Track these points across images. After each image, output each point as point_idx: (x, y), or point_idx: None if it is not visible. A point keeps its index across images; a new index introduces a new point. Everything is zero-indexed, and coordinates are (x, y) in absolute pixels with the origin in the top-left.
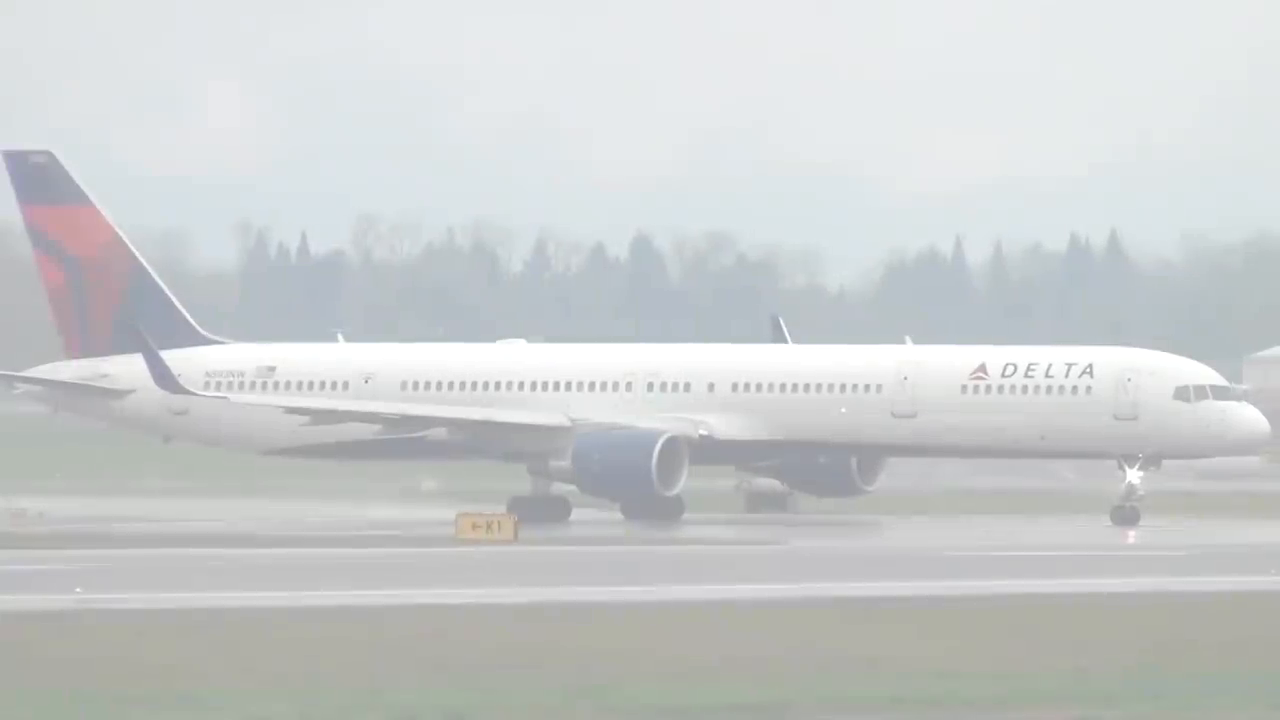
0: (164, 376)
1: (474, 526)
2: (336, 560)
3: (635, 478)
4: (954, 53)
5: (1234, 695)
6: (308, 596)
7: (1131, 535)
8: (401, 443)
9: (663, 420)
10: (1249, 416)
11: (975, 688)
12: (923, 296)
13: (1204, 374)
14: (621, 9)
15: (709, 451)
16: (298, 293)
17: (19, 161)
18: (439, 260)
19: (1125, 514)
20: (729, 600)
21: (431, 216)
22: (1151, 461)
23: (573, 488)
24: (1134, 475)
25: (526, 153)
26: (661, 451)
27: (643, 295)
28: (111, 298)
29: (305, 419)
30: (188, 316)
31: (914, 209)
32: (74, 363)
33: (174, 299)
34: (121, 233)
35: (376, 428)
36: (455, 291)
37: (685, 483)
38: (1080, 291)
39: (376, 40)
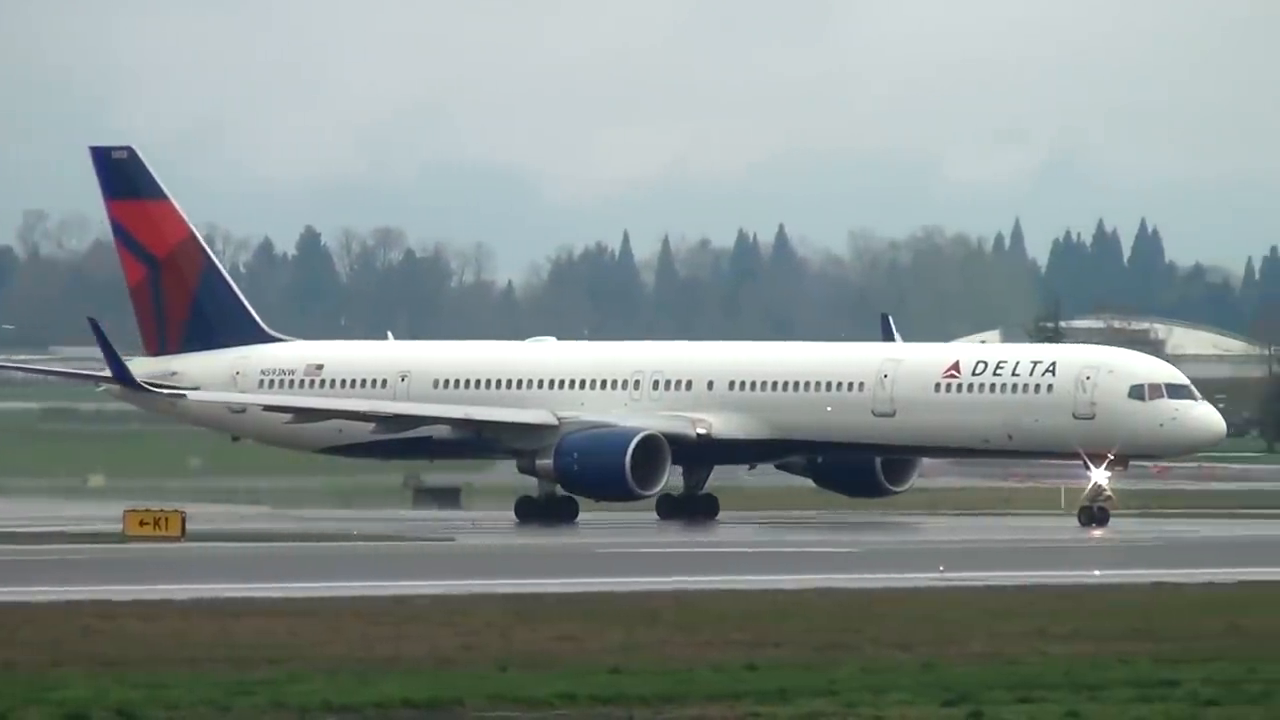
0: (122, 374)
1: (141, 523)
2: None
3: (610, 477)
4: (619, 51)
5: (905, 690)
6: None
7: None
8: (432, 441)
9: (663, 419)
10: (1202, 416)
11: (646, 684)
12: (591, 292)
13: (1162, 372)
14: (287, 9)
15: (708, 450)
16: None
17: (103, 157)
18: (108, 256)
19: (1092, 514)
20: (402, 596)
21: (100, 213)
22: (1118, 461)
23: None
24: (1100, 475)
25: (195, 150)
26: (636, 451)
27: (311, 292)
28: (184, 295)
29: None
30: (255, 315)
31: (582, 206)
32: (146, 360)
33: (243, 298)
34: (195, 230)
35: (440, 429)
36: (123, 287)
37: (667, 482)
38: (749, 287)
39: (44, 41)
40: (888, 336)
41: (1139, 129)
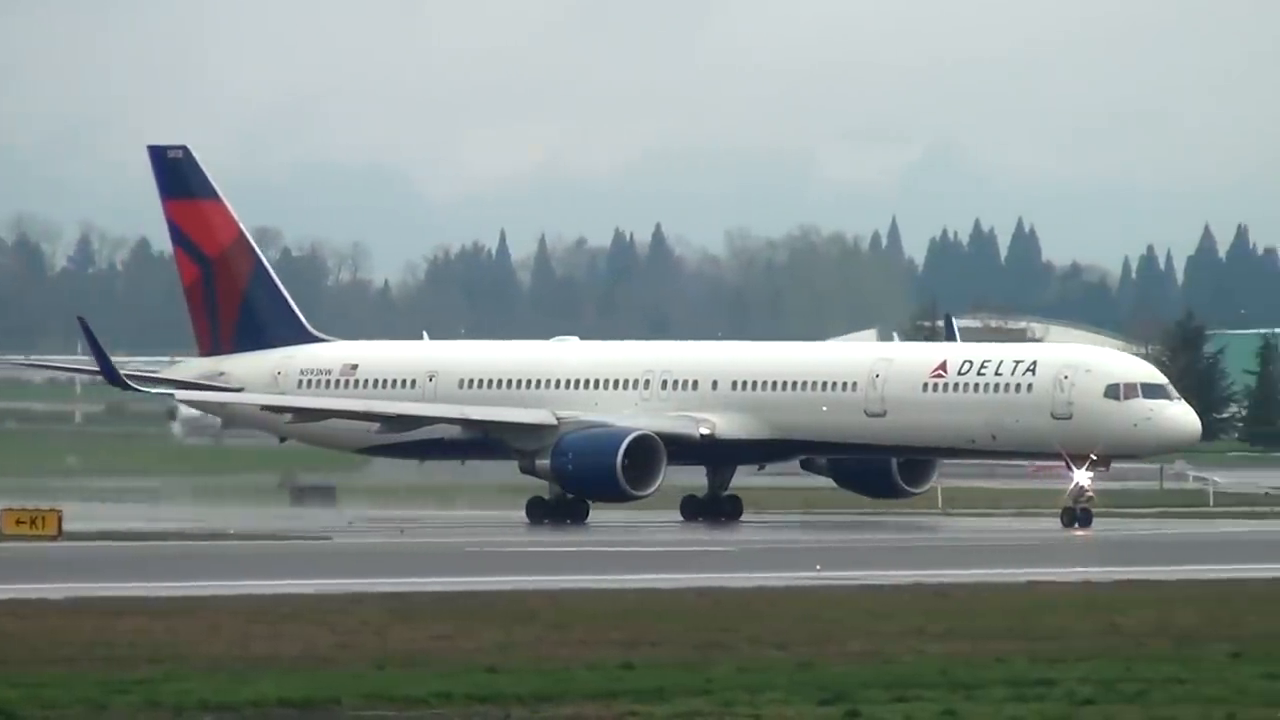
0: (110, 372)
1: (18, 522)
2: None
3: (602, 477)
4: (496, 49)
5: (781, 689)
6: None
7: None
8: (468, 442)
9: (670, 419)
10: (1176, 416)
11: (522, 683)
12: (468, 292)
13: (1139, 372)
14: (161, 6)
15: (711, 451)
16: None
17: (159, 156)
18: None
19: (1074, 515)
20: (279, 595)
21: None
22: (1100, 462)
23: None
24: (1082, 476)
25: (70, 149)
26: (628, 451)
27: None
28: (234, 295)
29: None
30: (300, 316)
31: (458, 205)
32: (196, 361)
33: (289, 298)
34: (246, 230)
35: (451, 429)
36: None
37: (662, 482)
38: (625, 286)
39: None
40: (950, 338)
41: (1016, 128)
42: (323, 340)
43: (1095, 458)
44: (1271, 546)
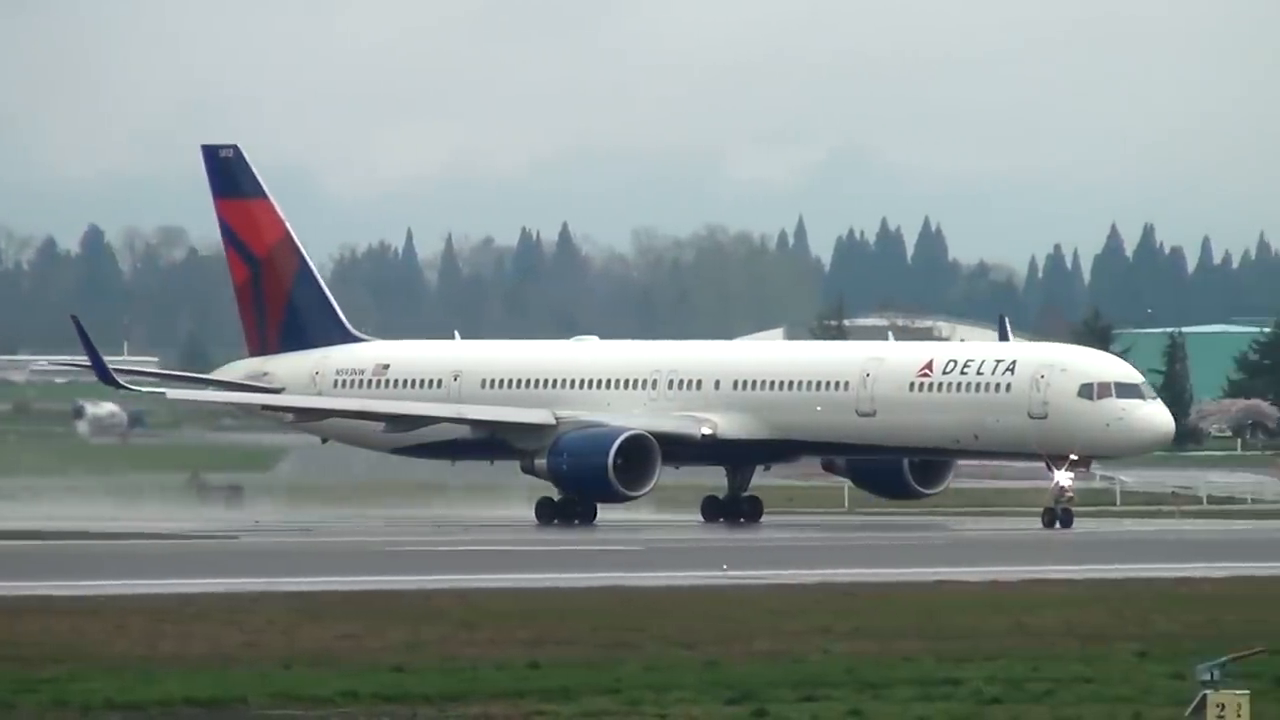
0: (103, 372)
1: None
2: None
3: (594, 477)
4: (402, 47)
5: (688, 688)
6: None
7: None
8: (489, 442)
9: (674, 419)
10: (1148, 416)
11: (429, 683)
12: (375, 291)
13: (1114, 371)
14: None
15: (712, 451)
16: None
17: (211, 156)
18: None
19: (1055, 515)
20: (186, 594)
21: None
22: (1081, 462)
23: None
24: (1063, 476)
25: None
26: (621, 451)
27: (95, 291)
28: (280, 296)
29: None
30: (341, 316)
31: (365, 204)
32: (244, 362)
33: (331, 298)
34: (292, 230)
35: (460, 428)
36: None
37: (657, 482)
38: (533, 285)
39: None
40: (1003, 338)
41: (923, 128)
42: (361, 340)
43: (1075, 458)
44: (1178, 546)
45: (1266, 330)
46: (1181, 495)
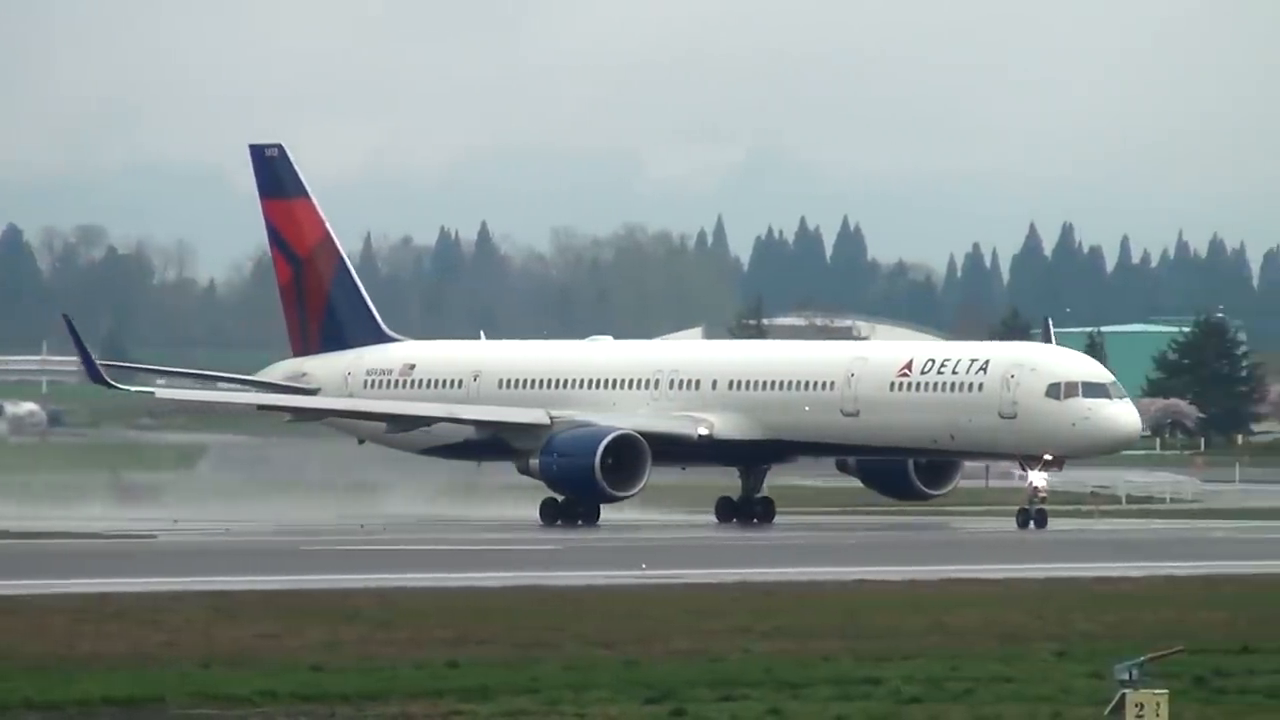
0: (91, 369)
1: None
2: None
3: (581, 477)
4: (321, 48)
5: (607, 688)
6: None
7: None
8: (477, 444)
9: (673, 419)
10: (1112, 416)
11: (348, 682)
12: None
13: (1082, 370)
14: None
15: (709, 451)
16: None
17: (258, 155)
18: None
19: (1029, 516)
20: (104, 593)
21: None
22: (1054, 462)
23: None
24: (1036, 476)
25: None
26: (609, 451)
27: (14, 291)
28: (320, 296)
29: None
30: (377, 316)
31: None
32: (285, 363)
33: (367, 298)
34: (331, 230)
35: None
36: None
37: (646, 482)
38: (452, 285)
39: None
40: (1046, 339)
41: (842, 127)
42: (394, 340)
43: (1049, 458)
44: (1095, 545)
45: (1185, 330)
46: (1100, 495)
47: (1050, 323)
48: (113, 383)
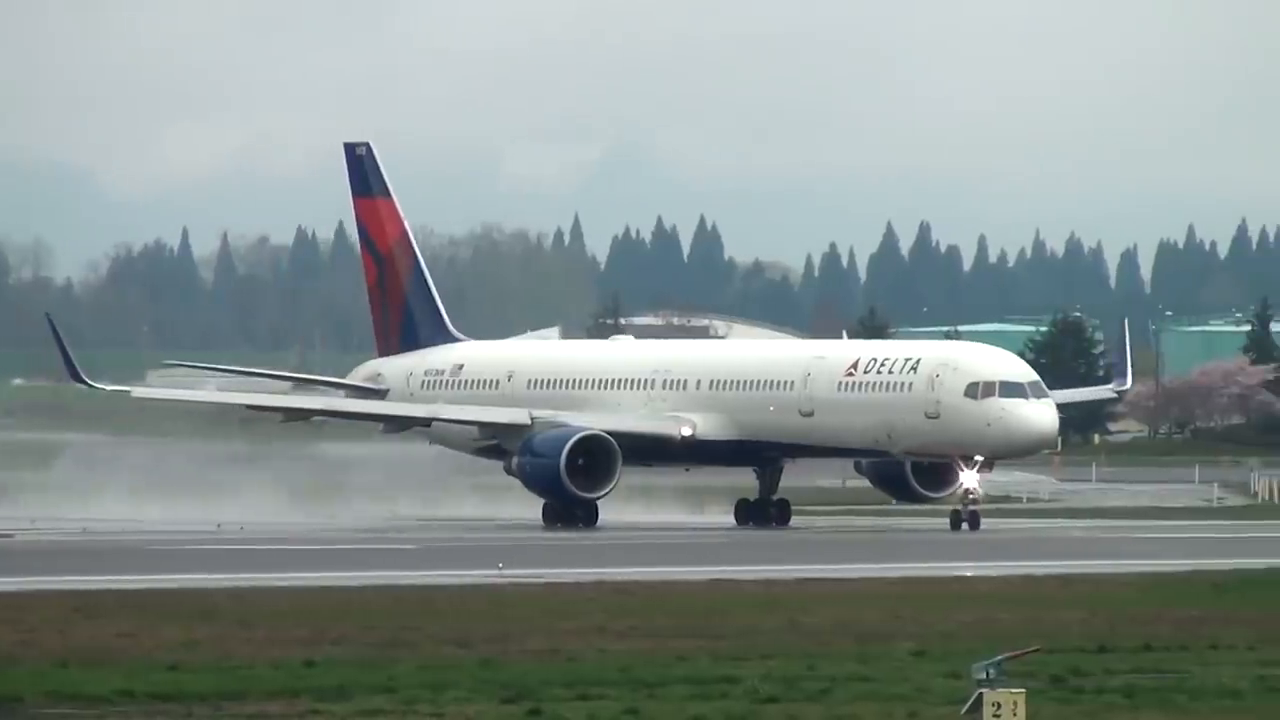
0: (75, 373)
1: None
2: None
3: (548, 477)
4: (179, 46)
5: (464, 688)
6: None
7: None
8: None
9: (660, 420)
10: (1026, 417)
11: (205, 682)
12: (151, 290)
13: (1003, 370)
14: None
15: (692, 451)
16: None
17: (350, 154)
18: None
19: (960, 517)
20: None
21: None
22: (986, 464)
23: None
24: (968, 477)
25: None
26: (577, 452)
27: None
28: (399, 296)
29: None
30: (444, 315)
31: (141, 203)
32: (366, 365)
33: (438, 298)
34: (409, 228)
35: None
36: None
37: (616, 484)
38: (309, 285)
39: None
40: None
41: (698, 126)
42: (458, 340)
43: (981, 459)
44: (956, 545)
45: (1042, 329)
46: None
47: (1125, 324)
48: (91, 382)
